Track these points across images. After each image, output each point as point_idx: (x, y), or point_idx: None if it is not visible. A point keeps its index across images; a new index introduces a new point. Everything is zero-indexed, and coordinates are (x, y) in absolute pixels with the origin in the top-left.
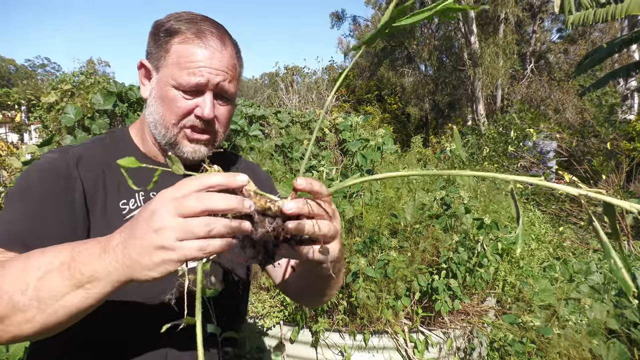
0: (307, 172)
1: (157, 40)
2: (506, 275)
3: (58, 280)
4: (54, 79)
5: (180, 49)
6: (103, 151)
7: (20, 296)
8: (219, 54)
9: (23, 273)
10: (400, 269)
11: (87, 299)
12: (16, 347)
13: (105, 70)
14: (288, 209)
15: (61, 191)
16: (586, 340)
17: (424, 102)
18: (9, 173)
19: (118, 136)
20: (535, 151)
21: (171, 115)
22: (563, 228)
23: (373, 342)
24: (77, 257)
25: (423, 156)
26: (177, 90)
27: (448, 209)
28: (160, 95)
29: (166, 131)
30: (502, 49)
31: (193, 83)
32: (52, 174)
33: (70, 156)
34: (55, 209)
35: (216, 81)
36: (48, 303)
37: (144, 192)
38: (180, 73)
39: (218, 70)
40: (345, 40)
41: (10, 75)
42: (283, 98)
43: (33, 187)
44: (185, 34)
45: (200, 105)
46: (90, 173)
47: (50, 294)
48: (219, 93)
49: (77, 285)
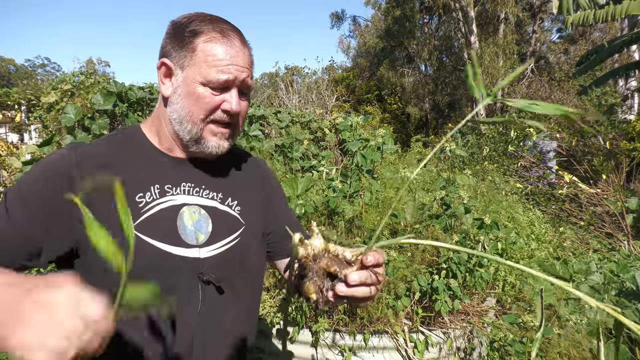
0: (307, 172)
1: (180, 40)
2: (506, 275)
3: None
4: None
5: (207, 48)
6: (114, 148)
7: None
8: (242, 52)
9: None
10: (400, 269)
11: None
12: None
13: (105, 70)
14: (351, 280)
15: (55, 192)
16: (586, 340)
17: (424, 102)
18: (9, 173)
19: (129, 133)
20: (536, 151)
21: (200, 111)
22: (563, 228)
23: (373, 342)
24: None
25: (423, 156)
26: (205, 87)
27: (448, 209)
28: (187, 92)
29: (193, 126)
30: (502, 49)
31: (222, 80)
32: (52, 173)
33: (75, 154)
34: (42, 213)
35: (242, 78)
36: None
37: (159, 186)
38: (209, 71)
39: (243, 68)
40: (346, 40)
41: (10, 75)
42: (283, 98)
43: (29, 187)
44: (210, 33)
45: (227, 101)
46: (95, 171)
47: None
48: (241, 89)
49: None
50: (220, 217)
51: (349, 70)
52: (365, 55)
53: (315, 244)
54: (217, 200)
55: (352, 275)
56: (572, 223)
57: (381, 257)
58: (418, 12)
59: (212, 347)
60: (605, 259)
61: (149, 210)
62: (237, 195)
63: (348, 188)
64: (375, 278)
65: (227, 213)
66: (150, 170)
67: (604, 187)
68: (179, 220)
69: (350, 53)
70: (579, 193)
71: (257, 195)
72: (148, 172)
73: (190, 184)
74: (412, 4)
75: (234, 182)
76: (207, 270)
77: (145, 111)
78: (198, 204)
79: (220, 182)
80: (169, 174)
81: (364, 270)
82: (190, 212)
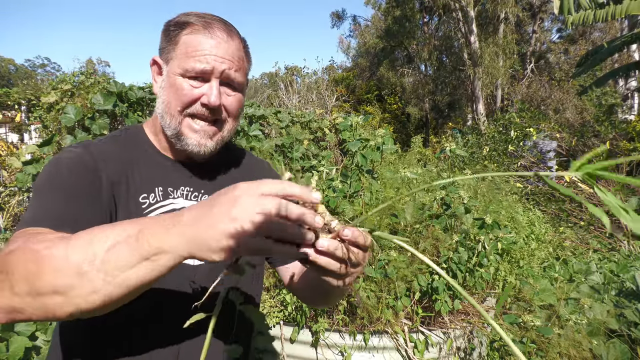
0: (307, 172)
1: (167, 35)
2: (506, 275)
3: (126, 251)
4: (54, 79)
5: (188, 39)
6: (120, 147)
7: (89, 266)
8: (225, 43)
9: (90, 245)
10: (401, 268)
11: (152, 271)
12: (16, 347)
13: (105, 70)
14: (319, 245)
15: (89, 184)
16: (586, 340)
17: (424, 102)
18: (9, 173)
19: (132, 133)
20: (536, 151)
21: (176, 102)
22: (563, 228)
23: (373, 342)
24: (145, 230)
25: (423, 156)
26: (184, 77)
27: (448, 209)
28: (168, 84)
29: (171, 119)
30: (502, 49)
31: (199, 69)
32: (80, 167)
33: (92, 150)
34: (86, 200)
35: (221, 68)
36: (115, 274)
37: (162, 188)
38: (187, 61)
39: (223, 58)
40: (346, 40)
41: (10, 75)
42: (283, 98)
43: (63, 178)
44: (193, 25)
45: (206, 93)
46: (113, 165)
47: (118, 264)
48: (226, 82)
49: (144, 257)
50: None
51: (349, 70)
52: (365, 55)
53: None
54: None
55: (321, 240)
56: (572, 223)
57: (362, 237)
58: (418, 12)
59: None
60: (605, 259)
61: (152, 212)
62: None
63: (348, 188)
64: (347, 255)
65: None
66: (153, 171)
67: (604, 187)
68: None
69: (350, 53)
70: (579, 193)
71: None
72: (152, 173)
73: (189, 188)
74: (412, 4)
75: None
76: (198, 279)
77: (145, 111)
78: None
79: (219, 186)
80: (171, 176)
81: (336, 241)
82: None
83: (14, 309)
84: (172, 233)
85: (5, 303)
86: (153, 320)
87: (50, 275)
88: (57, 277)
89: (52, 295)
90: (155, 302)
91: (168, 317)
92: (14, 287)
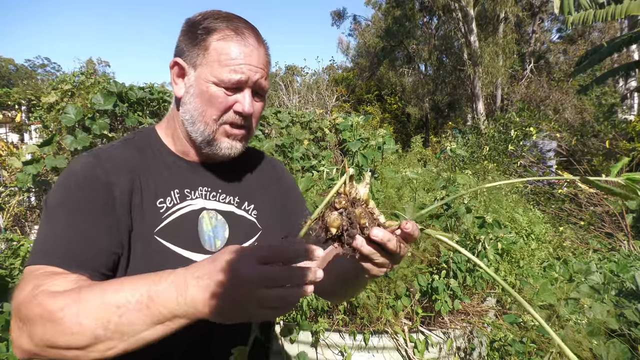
0: (307, 172)
1: (194, 38)
2: (506, 275)
3: (138, 319)
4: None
5: (219, 46)
6: (132, 152)
7: (103, 331)
8: (257, 51)
9: (102, 310)
10: (401, 268)
11: (166, 331)
12: None
13: (105, 70)
14: (374, 235)
15: (102, 200)
16: (586, 340)
17: (424, 102)
18: (9, 173)
19: (146, 136)
20: (536, 151)
21: (212, 111)
22: (563, 228)
23: (373, 342)
24: (155, 299)
25: (423, 156)
26: (218, 86)
27: (448, 209)
28: (199, 92)
29: (205, 127)
30: (502, 48)
31: (235, 80)
32: (93, 182)
33: (104, 161)
34: (101, 223)
35: (255, 78)
36: (130, 334)
37: (178, 190)
38: (221, 70)
39: (257, 68)
40: (346, 40)
41: (10, 75)
42: (283, 98)
43: (76, 200)
44: (224, 31)
45: (240, 102)
46: (125, 175)
47: (131, 329)
48: (255, 90)
49: (157, 322)
50: (237, 222)
51: (349, 70)
52: (365, 55)
53: (360, 189)
54: (234, 204)
55: (375, 230)
56: (572, 223)
57: (417, 231)
58: (418, 12)
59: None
60: (605, 259)
61: (170, 216)
62: (253, 198)
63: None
64: (398, 246)
65: (243, 218)
66: (168, 174)
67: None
68: (199, 226)
69: (350, 53)
70: (579, 193)
71: (274, 198)
72: (167, 176)
73: (207, 188)
74: (412, 4)
75: (249, 185)
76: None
77: (145, 111)
78: (215, 209)
79: (236, 186)
80: (187, 177)
81: (389, 233)
82: (209, 217)
83: (34, 354)
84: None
85: (26, 348)
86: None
87: (67, 337)
88: (74, 339)
89: (70, 350)
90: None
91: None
92: (33, 338)
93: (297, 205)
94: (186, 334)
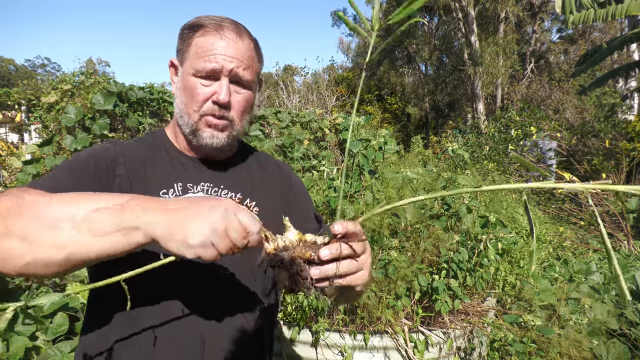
0: (307, 172)
1: (182, 38)
2: (506, 275)
3: (108, 217)
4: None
5: (200, 41)
6: (143, 148)
7: (67, 223)
8: (234, 44)
9: (76, 203)
10: (401, 268)
11: (117, 245)
12: (16, 347)
13: (105, 70)
14: (322, 255)
15: (103, 170)
16: (587, 340)
17: (424, 102)
18: (9, 173)
19: (156, 136)
20: (537, 150)
21: (192, 102)
22: (563, 228)
23: (373, 342)
24: (135, 205)
25: (424, 156)
26: (196, 77)
27: (449, 209)
28: (183, 86)
29: (189, 119)
30: (502, 48)
31: (208, 68)
32: (102, 154)
33: (119, 146)
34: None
35: (230, 67)
36: (85, 236)
37: (181, 184)
38: (197, 61)
39: (232, 58)
40: (346, 40)
41: (10, 75)
42: (283, 98)
43: (81, 160)
44: (205, 28)
45: (217, 91)
46: (134, 163)
47: (93, 227)
48: (235, 80)
49: (120, 228)
50: None
51: (350, 70)
52: (366, 55)
53: (288, 235)
54: (235, 200)
55: (322, 251)
56: (572, 223)
57: (351, 225)
58: (418, 11)
59: (224, 348)
60: (605, 259)
61: None
62: (255, 196)
63: (349, 188)
64: (349, 248)
65: None
66: (172, 168)
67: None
68: None
69: (350, 54)
70: (579, 193)
71: (277, 197)
72: (171, 170)
73: (209, 183)
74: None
75: (253, 184)
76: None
77: (145, 111)
78: None
79: (238, 183)
80: (190, 173)
81: (333, 243)
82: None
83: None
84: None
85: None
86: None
87: (27, 220)
88: (33, 224)
89: (18, 239)
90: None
91: (195, 305)
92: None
93: (303, 207)
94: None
